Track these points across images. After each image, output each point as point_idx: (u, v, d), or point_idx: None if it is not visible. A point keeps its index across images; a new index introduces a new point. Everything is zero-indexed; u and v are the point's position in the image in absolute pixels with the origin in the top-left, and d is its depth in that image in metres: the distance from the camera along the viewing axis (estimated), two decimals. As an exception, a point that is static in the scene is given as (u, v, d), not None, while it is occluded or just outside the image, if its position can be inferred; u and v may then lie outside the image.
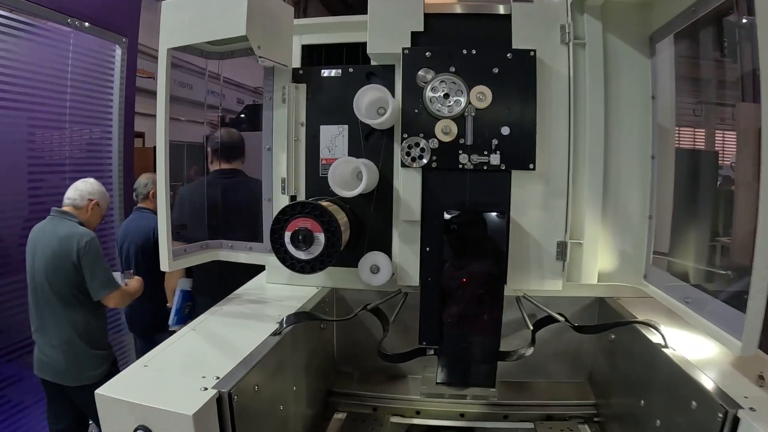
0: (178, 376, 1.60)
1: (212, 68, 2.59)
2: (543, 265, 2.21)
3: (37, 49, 3.95)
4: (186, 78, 6.92)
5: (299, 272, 1.98)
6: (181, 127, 2.65)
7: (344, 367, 2.60)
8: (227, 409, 1.51)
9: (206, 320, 2.10)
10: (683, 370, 1.61)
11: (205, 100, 2.86)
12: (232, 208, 2.78)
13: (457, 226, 2.03)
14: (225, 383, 1.54)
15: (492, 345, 2.06)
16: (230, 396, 1.50)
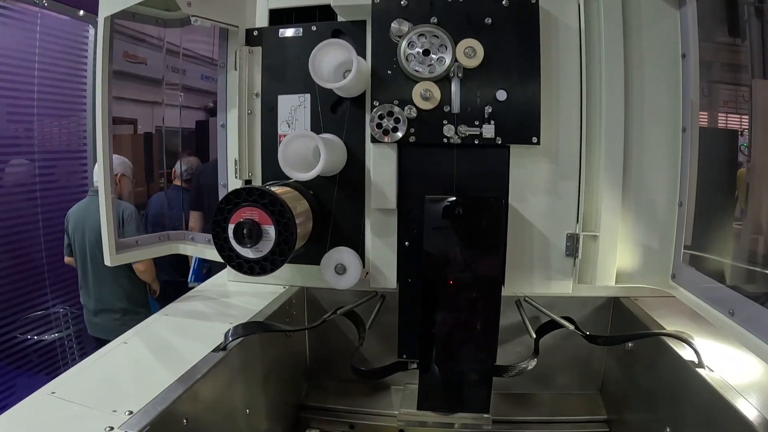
0: (84, 410, 1.27)
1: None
2: (549, 263, 1.85)
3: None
4: (177, 63, 6.70)
5: (247, 274, 1.63)
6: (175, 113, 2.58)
7: (318, 378, 2.27)
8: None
9: (156, 322, 1.82)
10: (724, 397, 1.30)
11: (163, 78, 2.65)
12: (202, 194, 2.45)
13: (441, 215, 1.65)
14: (137, 421, 1.20)
15: (486, 361, 1.71)
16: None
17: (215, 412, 1.49)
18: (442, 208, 1.66)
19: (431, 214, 1.66)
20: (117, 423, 1.18)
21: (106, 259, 1.99)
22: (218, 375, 1.50)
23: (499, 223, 1.66)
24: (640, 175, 1.81)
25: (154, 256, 2.26)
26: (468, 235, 1.66)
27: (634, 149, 1.80)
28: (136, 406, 1.25)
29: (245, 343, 1.67)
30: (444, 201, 1.67)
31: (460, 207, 1.67)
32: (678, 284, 1.75)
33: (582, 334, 1.78)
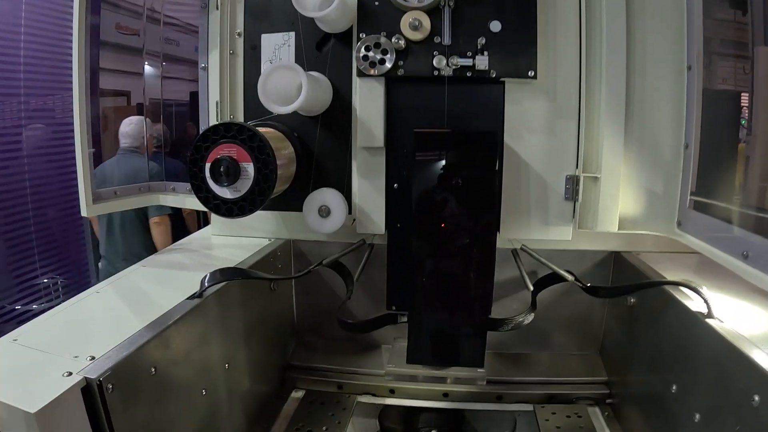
0: (44, 357, 1.16)
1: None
2: (547, 207, 1.74)
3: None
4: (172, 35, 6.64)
5: (225, 215, 1.54)
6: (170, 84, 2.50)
7: (305, 337, 2.18)
8: (99, 403, 1.08)
9: (132, 273, 1.72)
10: (737, 348, 1.17)
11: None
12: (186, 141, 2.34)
13: (430, 151, 1.54)
14: (98, 367, 1.10)
15: (480, 312, 1.59)
16: (100, 385, 1.07)
17: (189, 364, 1.39)
18: (430, 140, 1.55)
19: (420, 149, 1.54)
20: (76, 368, 1.08)
21: (82, 210, 1.89)
22: (193, 324, 1.41)
23: (494, 158, 1.54)
24: (643, 114, 1.69)
25: (134, 207, 2.17)
26: (459, 174, 1.54)
27: (636, 87, 1.68)
28: (100, 351, 1.15)
29: (224, 294, 1.57)
30: (434, 134, 1.56)
31: (450, 140, 1.56)
32: (684, 231, 1.64)
33: (582, 286, 1.68)
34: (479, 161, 1.53)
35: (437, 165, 1.52)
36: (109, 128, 3.70)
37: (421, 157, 1.53)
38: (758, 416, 1.06)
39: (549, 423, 1.76)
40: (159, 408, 1.26)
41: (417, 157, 1.52)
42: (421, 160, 1.53)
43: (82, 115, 1.82)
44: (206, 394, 1.46)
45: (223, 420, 1.57)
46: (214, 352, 1.53)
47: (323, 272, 1.91)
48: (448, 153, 1.52)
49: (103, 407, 1.07)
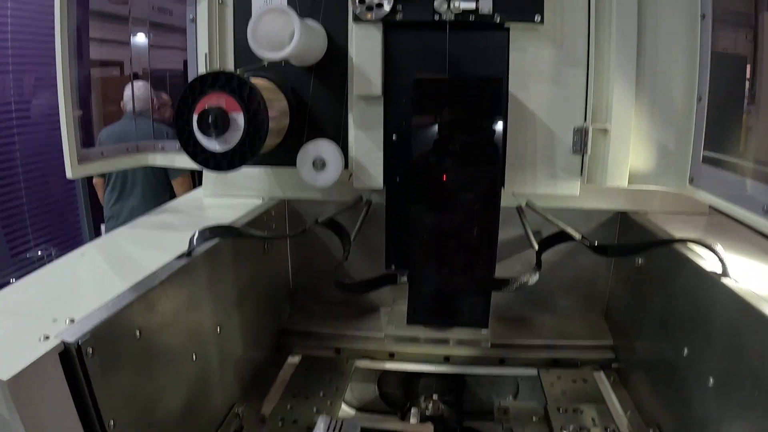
0: (22, 321, 1.08)
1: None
2: (554, 160, 1.67)
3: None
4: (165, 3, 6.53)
5: (215, 169, 1.46)
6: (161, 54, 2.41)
7: (302, 300, 2.11)
8: (79, 368, 0.99)
9: (119, 234, 1.66)
10: (755, 308, 1.10)
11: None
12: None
13: (431, 99, 1.45)
14: (76, 330, 1.01)
15: (484, 269, 1.52)
16: (79, 349, 0.98)
17: (177, 327, 1.32)
18: (430, 88, 1.45)
19: (421, 97, 1.45)
20: (54, 332, 1.00)
21: (68, 172, 1.79)
22: (181, 285, 1.33)
23: (500, 106, 1.46)
24: (655, 64, 1.60)
25: (121, 168, 2.12)
26: (464, 122, 1.45)
27: (648, 34, 1.59)
28: (80, 314, 1.07)
29: (215, 254, 1.50)
30: (436, 81, 1.47)
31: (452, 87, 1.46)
32: (697, 187, 1.55)
33: (590, 245, 1.60)
34: (484, 110, 1.44)
35: (438, 115, 1.44)
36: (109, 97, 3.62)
37: (421, 105, 1.44)
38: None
39: (554, 388, 1.69)
40: (145, 374, 1.18)
41: (417, 105, 1.43)
42: (421, 109, 1.43)
43: (65, 75, 1.73)
44: (197, 360, 1.39)
45: (215, 387, 1.50)
46: (204, 315, 1.45)
47: (319, 233, 1.84)
48: (451, 101, 1.43)
49: (83, 373, 0.99)
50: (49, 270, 1.35)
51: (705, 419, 1.25)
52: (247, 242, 1.70)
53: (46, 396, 0.95)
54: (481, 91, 1.44)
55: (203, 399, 1.44)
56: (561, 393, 1.67)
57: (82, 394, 1.00)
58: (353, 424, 1.36)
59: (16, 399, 0.87)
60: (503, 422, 1.57)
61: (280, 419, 1.56)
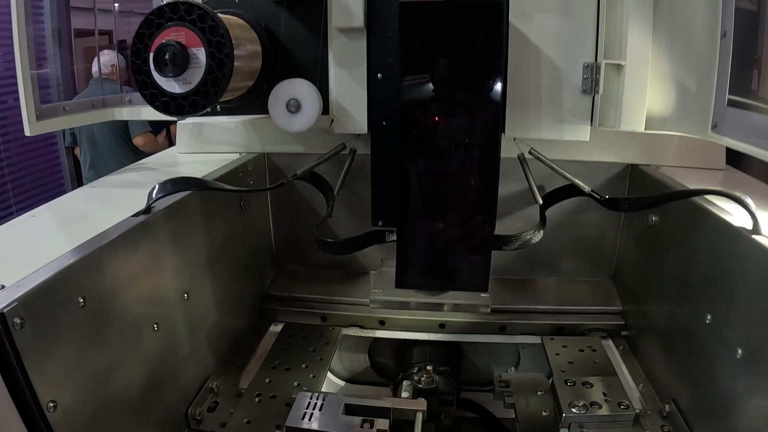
0: None
1: None
2: (561, 101, 1.48)
3: None
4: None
5: (175, 114, 1.29)
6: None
7: (285, 263, 1.97)
8: (6, 342, 0.85)
9: (77, 194, 1.53)
10: None
11: None
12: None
13: (421, 28, 1.26)
14: (4, 298, 0.86)
15: (483, 225, 1.35)
16: (4, 320, 0.84)
17: (132, 293, 1.16)
18: (422, 17, 1.26)
19: (408, 25, 1.26)
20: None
21: (26, 129, 1.64)
22: (137, 245, 1.18)
23: (500, 36, 1.27)
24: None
25: (85, 123, 1.93)
26: (458, 54, 1.27)
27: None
28: (13, 279, 0.92)
29: (180, 210, 1.35)
30: (425, 6, 1.27)
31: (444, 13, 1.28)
32: (720, 133, 1.38)
33: (600, 199, 1.44)
34: (481, 39, 1.25)
35: (429, 45, 1.25)
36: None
37: (409, 35, 1.25)
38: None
39: (560, 357, 1.55)
40: (92, 347, 1.03)
41: (405, 35, 1.24)
42: (410, 40, 1.25)
43: (20, 29, 1.58)
44: (159, 330, 1.24)
45: (184, 359, 1.36)
46: (167, 280, 1.30)
47: (303, 189, 1.71)
48: (443, 30, 1.25)
49: (11, 347, 0.85)
50: (5, 227, 1.23)
51: (730, 395, 1.12)
52: (220, 199, 1.53)
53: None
54: (479, 18, 1.24)
55: (170, 373, 1.30)
56: (568, 363, 1.53)
57: (12, 372, 0.85)
58: (336, 399, 1.21)
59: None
60: (504, 396, 1.43)
61: (257, 394, 1.42)
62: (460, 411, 1.72)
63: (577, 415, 1.29)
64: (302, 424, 1.16)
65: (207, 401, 1.41)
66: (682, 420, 1.29)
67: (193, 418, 1.35)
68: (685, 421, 1.28)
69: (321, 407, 1.19)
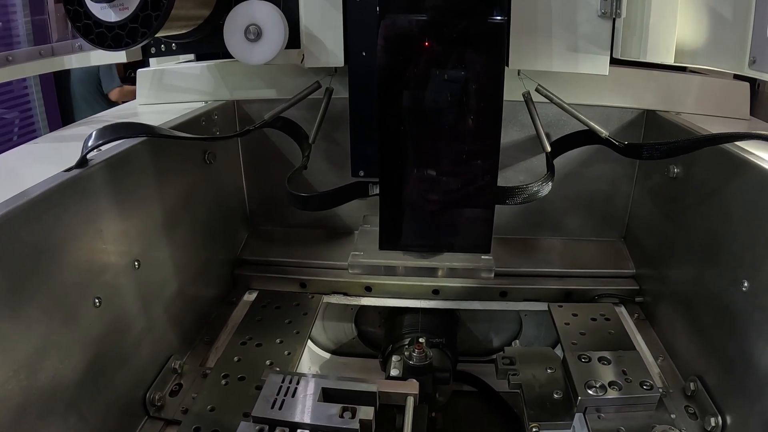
0: None
1: None
2: (575, 26, 1.29)
3: None
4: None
5: (112, 48, 1.07)
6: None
7: (260, 224, 1.80)
8: None
9: (14, 152, 1.30)
10: None
11: None
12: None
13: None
14: None
15: (483, 175, 1.14)
16: None
17: (62, 263, 0.96)
18: None
19: None
20: None
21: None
22: (67, 205, 0.98)
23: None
24: None
25: (35, 73, 1.74)
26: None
27: None
28: None
29: (125, 164, 1.16)
30: None
31: None
32: (761, 71, 1.19)
33: (618, 145, 1.25)
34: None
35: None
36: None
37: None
38: None
39: (570, 328, 1.38)
40: (15, 327, 0.85)
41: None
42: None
43: None
44: (102, 305, 1.05)
45: (138, 337, 1.19)
46: (110, 245, 1.09)
47: (277, 140, 1.54)
48: None
49: None
50: None
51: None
52: (179, 150, 1.35)
53: None
54: None
55: (119, 355, 1.13)
56: (579, 334, 1.36)
57: None
58: (312, 384, 1.04)
59: None
60: (509, 375, 1.25)
61: (224, 375, 1.24)
62: (458, 385, 1.60)
63: (594, 398, 1.11)
64: (270, 413, 0.98)
65: (169, 383, 1.26)
66: (710, 400, 1.15)
67: (152, 404, 1.19)
68: (714, 401, 1.14)
69: (294, 392, 1.02)
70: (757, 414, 1.01)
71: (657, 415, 1.12)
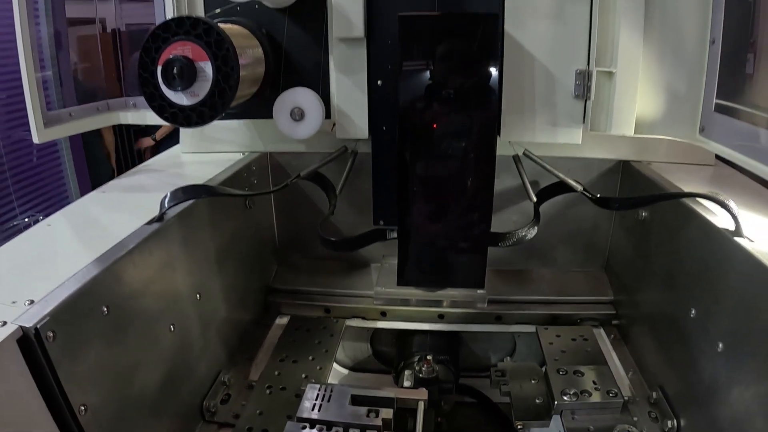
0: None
1: None
2: (555, 106, 1.54)
3: None
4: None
5: (183, 125, 1.34)
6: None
7: (289, 257, 2.02)
8: (40, 355, 0.90)
9: (89, 200, 1.54)
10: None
11: None
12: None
13: (419, 38, 1.32)
14: (35, 313, 0.91)
15: (479, 225, 1.42)
16: (38, 334, 0.89)
17: (150, 298, 1.22)
18: (420, 28, 1.32)
19: (407, 36, 1.32)
20: (12, 316, 0.90)
21: (34, 136, 1.68)
22: (152, 252, 1.23)
23: (495, 46, 1.33)
24: (665, 2, 1.46)
25: (92, 128, 1.93)
26: (455, 64, 1.32)
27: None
28: (41, 294, 0.97)
29: (190, 215, 1.40)
30: (423, 18, 1.33)
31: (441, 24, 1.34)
32: (708, 138, 1.43)
33: (592, 197, 1.51)
34: (478, 50, 1.31)
35: (427, 55, 1.32)
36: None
37: (408, 46, 1.31)
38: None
39: (553, 346, 1.62)
40: (116, 352, 1.09)
41: (404, 46, 1.31)
42: (408, 50, 1.31)
43: (24, 35, 1.59)
44: (175, 330, 1.30)
45: (198, 355, 1.43)
46: (181, 281, 1.36)
47: (304, 186, 1.75)
48: (441, 40, 1.31)
49: (45, 359, 0.90)
50: (13, 245, 1.25)
51: (712, 385, 1.19)
52: (228, 201, 1.60)
53: (6, 388, 0.86)
54: (475, 29, 1.30)
55: (185, 369, 1.36)
56: (560, 352, 1.60)
57: (47, 382, 0.91)
58: (343, 391, 1.29)
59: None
60: (500, 385, 1.51)
61: (268, 387, 1.49)
62: (460, 396, 1.80)
63: (569, 403, 1.36)
64: (312, 414, 1.23)
65: (220, 394, 1.48)
66: (668, 407, 1.36)
67: (208, 410, 1.42)
68: (671, 407, 1.36)
69: (329, 398, 1.26)
70: (705, 417, 1.20)
71: (622, 418, 1.36)
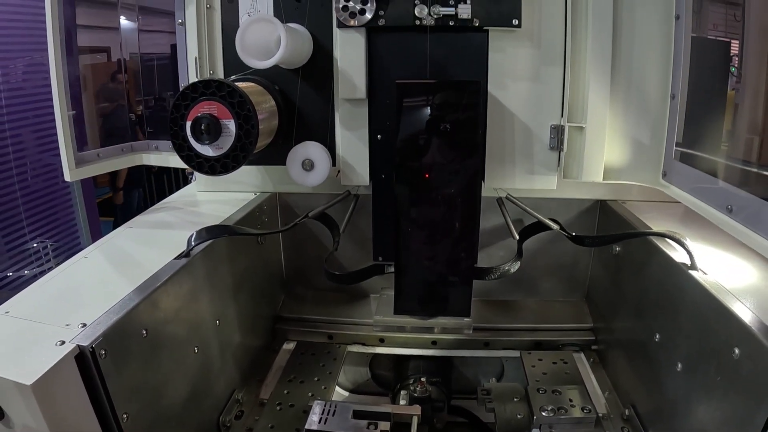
0: (36, 326, 1.14)
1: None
2: (532, 156, 1.73)
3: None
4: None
5: (208, 174, 1.52)
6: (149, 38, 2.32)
7: (295, 288, 2.19)
8: (94, 369, 1.07)
9: (118, 235, 1.70)
10: (719, 300, 1.17)
11: None
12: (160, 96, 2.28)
13: (413, 101, 1.53)
14: (90, 333, 1.09)
15: (465, 261, 1.62)
16: (93, 352, 1.06)
17: (179, 323, 1.39)
18: (414, 93, 1.54)
19: (402, 99, 1.53)
20: (69, 336, 1.07)
21: (66, 175, 1.86)
22: (181, 283, 1.40)
23: (478, 109, 1.54)
24: (630, 63, 1.65)
25: (117, 168, 2.13)
26: (444, 122, 1.53)
27: (623, 35, 1.64)
28: (91, 318, 1.14)
29: (212, 251, 1.57)
30: (416, 85, 1.55)
31: (433, 89, 1.55)
32: (670, 183, 1.62)
33: (567, 236, 1.68)
34: (463, 112, 1.52)
35: (420, 115, 1.53)
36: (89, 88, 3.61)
37: (403, 107, 1.53)
38: (739, 369, 1.07)
39: (535, 369, 1.79)
40: (153, 368, 1.27)
41: (399, 108, 1.53)
42: (403, 111, 1.53)
43: (59, 76, 1.77)
44: (199, 352, 1.47)
45: (216, 375, 1.59)
46: (204, 309, 1.53)
47: (310, 224, 1.91)
48: (431, 103, 1.52)
49: (98, 373, 1.07)
50: (57, 274, 1.41)
51: (675, 401, 1.33)
52: (244, 239, 1.77)
53: (65, 397, 1.03)
54: (461, 94, 1.52)
55: (205, 387, 1.52)
56: (542, 374, 1.76)
57: (97, 393, 1.08)
58: (346, 407, 1.45)
59: (40, 402, 0.95)
60: (486, 403, 1.67)
61: (278, 404, 1.65)
62: (451, 416, 1.94)
63: (547, 418, 1.53)
64: (319, 427, 1.39)
65: (234, 410, 1.64)
66: (639, 423, 1.51)
67: (224, 425, 1.58)
68: (642, 423, 1.50)
69: (334, 413, 1.42)
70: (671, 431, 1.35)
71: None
